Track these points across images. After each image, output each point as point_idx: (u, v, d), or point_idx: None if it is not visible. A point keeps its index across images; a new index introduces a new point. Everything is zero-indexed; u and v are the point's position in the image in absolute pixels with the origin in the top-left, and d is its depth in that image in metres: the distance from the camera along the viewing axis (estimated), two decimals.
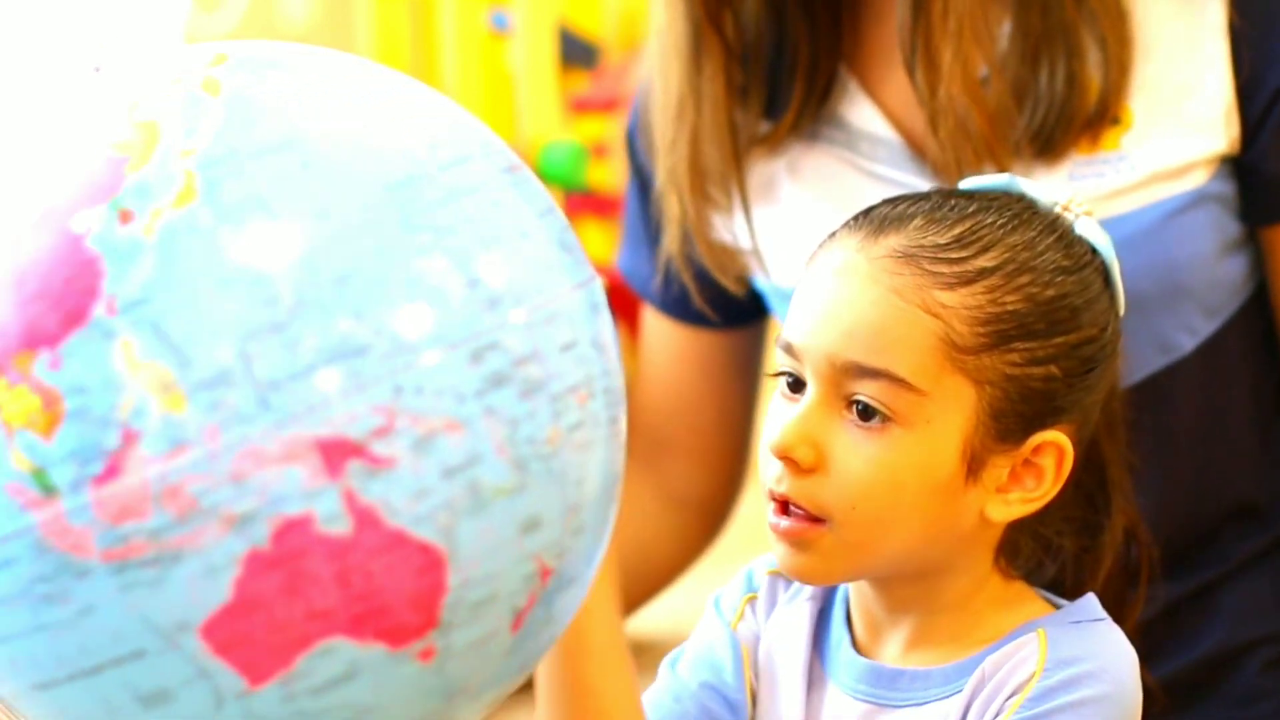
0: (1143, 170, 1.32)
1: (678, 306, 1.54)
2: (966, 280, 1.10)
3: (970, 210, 1.13)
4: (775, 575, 1.21)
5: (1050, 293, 1.12)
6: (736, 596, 1.22)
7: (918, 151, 1.36)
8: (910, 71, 1.32)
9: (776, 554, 1.13)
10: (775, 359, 1.15)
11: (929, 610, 1.15)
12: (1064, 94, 1.31)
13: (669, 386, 1.60)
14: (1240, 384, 1.39)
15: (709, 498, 1.63)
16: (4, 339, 0.90)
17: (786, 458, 1.10)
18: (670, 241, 1.44)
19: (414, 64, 4.13)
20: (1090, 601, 1.14)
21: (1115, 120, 1.33)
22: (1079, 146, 1.32)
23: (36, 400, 0.89)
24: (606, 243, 3.47)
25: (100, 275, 0.89)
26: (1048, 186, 1.18)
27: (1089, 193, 1.29)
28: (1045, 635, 1.09)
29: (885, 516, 1.10)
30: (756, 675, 1.19)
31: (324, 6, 4.31)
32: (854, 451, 1.10)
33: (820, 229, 1.32)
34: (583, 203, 3.77)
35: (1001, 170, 1.30)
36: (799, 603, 1.19)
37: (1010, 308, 1.10)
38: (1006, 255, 1.11)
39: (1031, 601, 1.16)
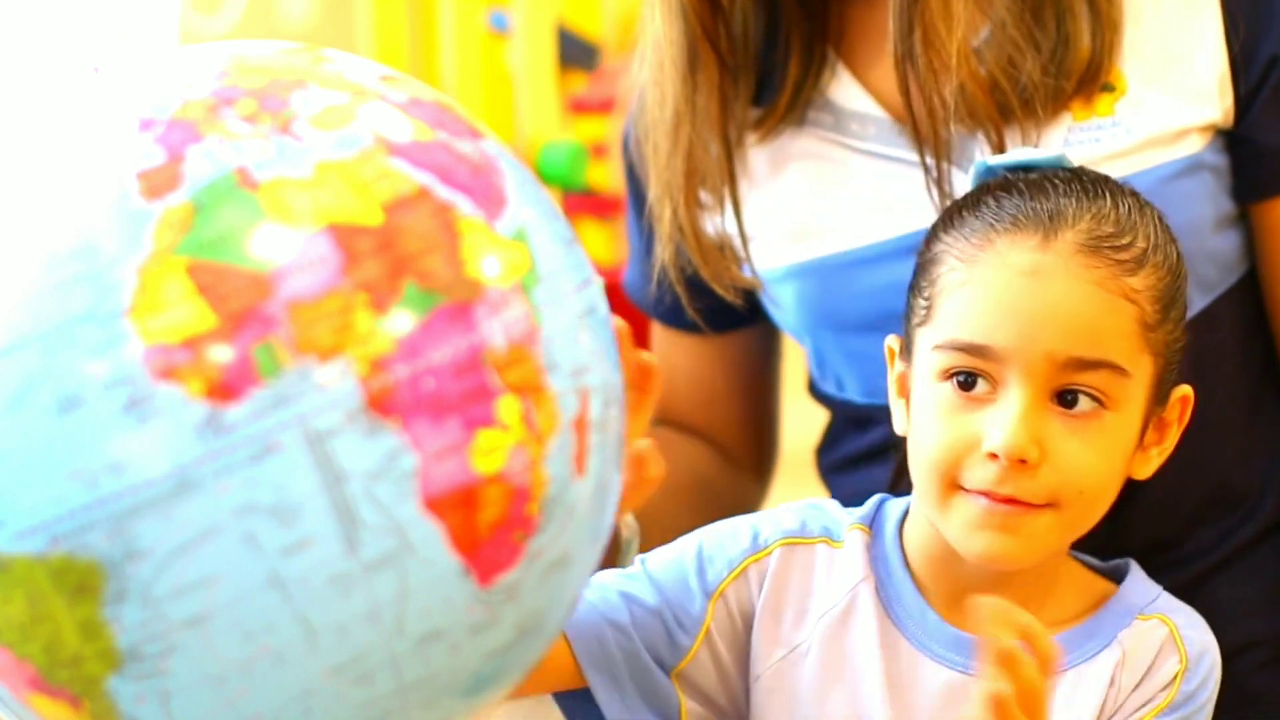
0: (1138, 135, 1.34)
1: (671, 316, 1.54)
2: (1140, 263, 1.18)
3: (1108, 196, 1.21)
4: (791, 545, 1.24)
5: (1175, 262, 1.22)
6: (736, 553, 1.25)
7: (906, 127, 1.36)
8: (898, 52, 1.33)
9: (979, 542, 1.16)
10: (945, 359, 1.18)
11: (1030, 578, 1.20)
12: (1057, 53, 1.33)
13: (690, 388, 1.58)
14: (1228, 362, 1.40)
15: (749, 479, 1.61)
16: None
17: (1018, 459, 1.14)
18: (663, 252, 1.45)
19: (413, 64, 4.01)
20: (1139, 572, 1.24)
21: (1109, 87, 1.35)
22: (1072, 109, 1.34)
23: None
24: (606, 243, 3.47)
25: None
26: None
27: (1086, 157, 1.31)
28: (1175, 627, 1.20)
29: (1102, 494, 1.18)
30: (747, 637, 1.24)
31: (323, 6, 4.18)
32: (1070, 440, 1.16)
33: (812, 211, 1.39)
34: (582, 203, 3.69)
35: (997, 138, 1.33)
36: (852, 584, 1.23)
37: (1166, 281, 1.20)
38: (1150, 235, 1.20)
39: (1077, 564, 1.24)
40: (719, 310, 1.47)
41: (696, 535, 1.27)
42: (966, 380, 1.17)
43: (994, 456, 1.15)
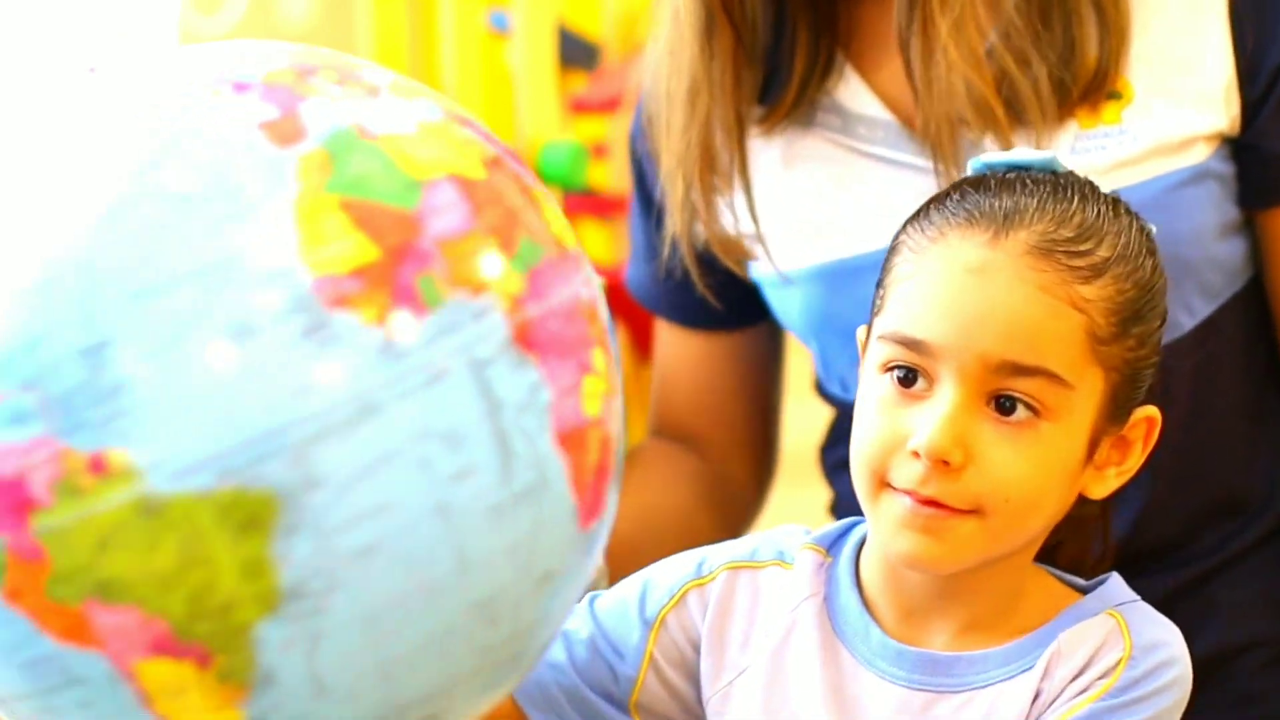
0: (1144, 143, 1.33)
1: (678, 306, 1.52)
2: (1098, 272, 1.14)
3: (1076, 200, 1.16)
4: (735, 570, 1.23)
5: (1147, 277, 1.17)
6: (676, 580, 1.23)
7: (914, 131, 1.36)
8: (906, 55, 1.33)
9: (902, 543, 1.13)
10: (886, 351, 1.15)
11: (983, 593, 1.17)
12: (1064, 59, 1.33)
13: (693, 389, 1.56)
14: (1232, 370, 1.39)
15: (747, 489, 1.58)
16: None
17: (940, 460, 1.11)
18: (674, 224, 1.43)
19: (413, 64, 3.72)
20: (1119, 582, 1.19)
21: (1116, 95, 1.33)
22: (1078, 117, 1.33)
23: None
24: (606, 243, 3.28)
25: None
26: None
27: (1091, 165, 1.29)
28: (1124, 620, 1.15)
29: (1033, 506, 1.13)
30: (687, 663, 1.22)
31: (324, 6, 3.91)
32: (1001, 447, 1.11)
33: (820, 213, 1.40)
34: (582, 203, 3.40)
35: (1003, 143, 1.33)
36: (796, 602, 1.21)
37: (1128, 295, 1.15)
38: (1118, 246, 1.15)
39: (1054, 581, 1.20)
40: (729, 285, 1.47)
41: (651, 567, 1.26)
42: (906, 376, 1.14)
43: (918, 455, 1.12)
